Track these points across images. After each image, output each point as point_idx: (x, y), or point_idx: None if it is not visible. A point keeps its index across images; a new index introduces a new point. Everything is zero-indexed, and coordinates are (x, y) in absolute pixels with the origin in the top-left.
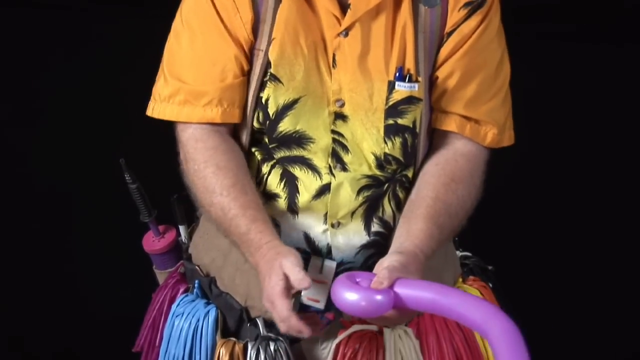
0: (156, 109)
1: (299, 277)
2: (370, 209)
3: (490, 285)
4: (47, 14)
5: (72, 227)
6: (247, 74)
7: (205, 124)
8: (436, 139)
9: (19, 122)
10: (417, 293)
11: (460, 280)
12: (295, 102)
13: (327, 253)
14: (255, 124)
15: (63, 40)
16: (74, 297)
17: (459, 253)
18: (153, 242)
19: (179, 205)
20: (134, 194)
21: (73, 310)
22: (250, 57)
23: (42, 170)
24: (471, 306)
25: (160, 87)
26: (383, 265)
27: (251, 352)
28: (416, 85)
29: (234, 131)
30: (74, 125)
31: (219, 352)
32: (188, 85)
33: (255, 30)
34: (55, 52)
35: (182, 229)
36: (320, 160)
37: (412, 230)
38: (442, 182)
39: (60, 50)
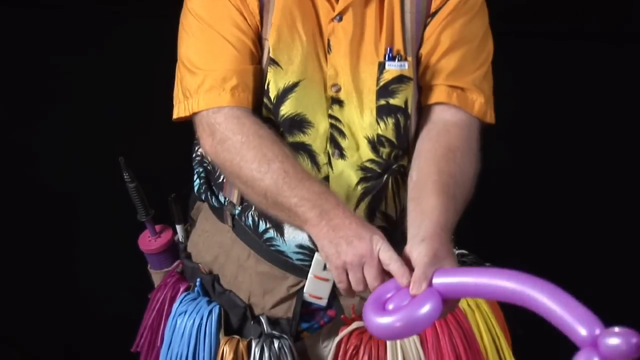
0: (186, 106)
1: (402, 267)
2: (373, 203)
3: None
4: (47, 14)
5: (73, 226)
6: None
7: (236, 107)
8: (425, 115)
9: (19, 122)
10: (461, 280)
11: None
12: (295, 85)
13: None
14: (264, 112)
15: (63, 41)
16: (74, 296)
17: (456, 251)
18: (149, 242)
19: (177, 205)
20: (132, 192)
21: (73, 310)
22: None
23: (43, 170)
24: (518, 280)
25: (188, 83)
26: (412, 257)
27: (255, 350)
28: (406, 63)
29: None
30: (74, 125)
31: (223, 349)
32: (213, 72)
33: (261, 19)
34: (57, 52)
35: (179, 228)
36: (320, 147)
37: (426, 210)
38: (440, 153)
39: (61, 50)
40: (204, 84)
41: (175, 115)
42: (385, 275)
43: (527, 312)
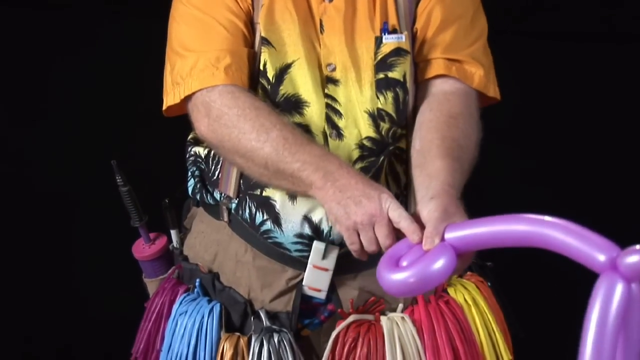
0: (176, 93)
1: (412, 224)
2: None
3: (489, 283)
4: (47, 13)
5: (72, 227)
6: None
7: (230, 84)
8: (423, 89)
9: (15, 123)
10: (474, 231)
11: (456, 275)
12: (290, 65)
13: (330, 236)
14: (260, 94)
15: (59, 41)
16: (73, 297)
17: None
18: (143, 249)
19: (171, 210)
20: (125, 196)
21: (72, 311)
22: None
23: (43, 172)
24: (521, 222)
25: (180, 68)
26: (422, 216)
27: (254, 345)
28: (403, 36)
29: None
30: (69, 127)
31: (223, 346)
32: (206, 53)
33: (252, 3)
34: (53, 52)
35: (173, 233)
36: (317, 127)
37: (432, 172)
38: (442, 121)
39: (57, 51)
40: (197, 65)
41: (164, 106)
42: (397, 233)
43: (527, 309)
